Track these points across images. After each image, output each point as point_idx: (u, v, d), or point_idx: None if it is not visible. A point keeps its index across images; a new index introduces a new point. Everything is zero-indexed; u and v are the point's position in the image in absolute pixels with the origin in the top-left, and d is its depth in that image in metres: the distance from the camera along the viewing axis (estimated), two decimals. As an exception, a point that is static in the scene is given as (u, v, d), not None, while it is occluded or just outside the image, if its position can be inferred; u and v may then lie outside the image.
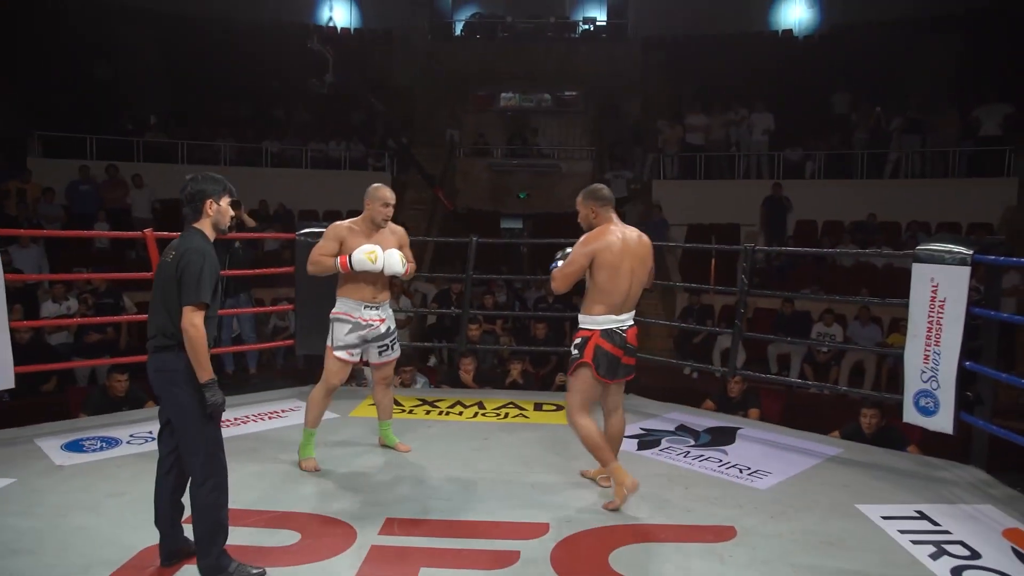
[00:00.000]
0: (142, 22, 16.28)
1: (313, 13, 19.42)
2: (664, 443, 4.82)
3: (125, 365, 5.83)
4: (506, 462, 4.37)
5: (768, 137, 13.98)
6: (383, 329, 4.28)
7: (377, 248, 4.11)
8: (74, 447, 4.50)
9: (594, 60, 17.93)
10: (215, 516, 2.88)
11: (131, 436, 4.73)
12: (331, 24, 19.24)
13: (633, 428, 5.09)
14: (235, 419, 5.05)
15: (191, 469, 2.92)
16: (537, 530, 3.42)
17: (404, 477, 4.09)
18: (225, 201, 3.03)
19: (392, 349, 4.37)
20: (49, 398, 7.19)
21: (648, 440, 4.88)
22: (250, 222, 6.56)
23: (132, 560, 3.06)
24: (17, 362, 4.62)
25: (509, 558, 3.15)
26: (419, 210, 14.77)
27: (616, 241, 3.72)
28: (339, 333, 4.19)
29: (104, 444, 4.57)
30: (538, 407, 5.60)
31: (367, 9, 19.63)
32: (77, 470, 4.15)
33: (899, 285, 5.15)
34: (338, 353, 4.18)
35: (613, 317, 3.74)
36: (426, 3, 19.03)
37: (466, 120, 17.43)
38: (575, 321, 3.90)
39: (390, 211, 4.24)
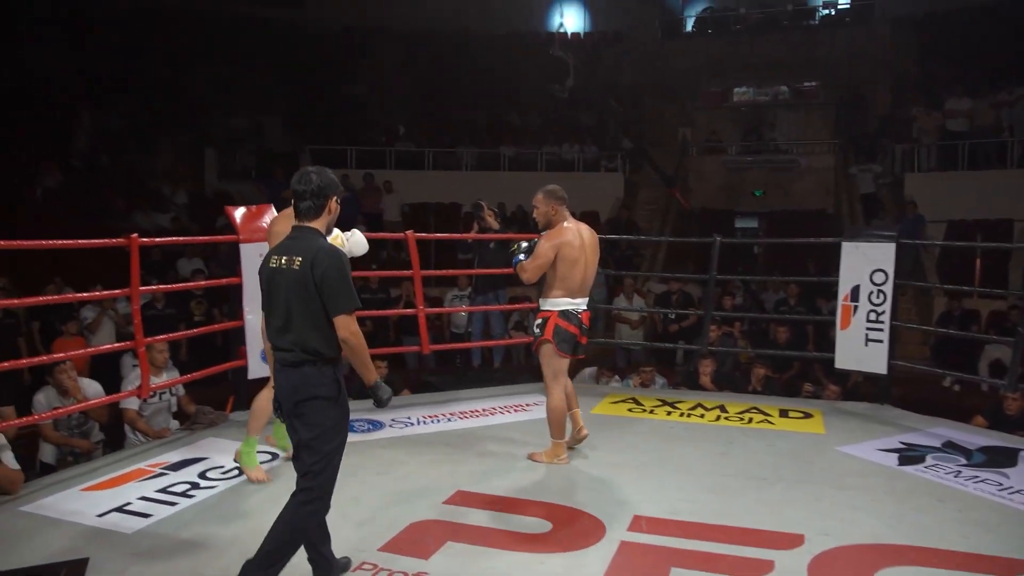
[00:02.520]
0: (389, 42, 17.73)
1: (544, 20, 19.99)
2: (930, 460, 4.42)
3: (384, 355, 6.42)
4: (753, 468, 4.23)
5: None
6: None
7: (338, 231, 3.57)
8: (346, 427, 4.99)
9: (836, 46, 16.74)
10: (299, 538, 2.74)
11: (392, 420, 5.17)
12: (562, 30, 19.68)
13: (892, 442, 4.75)
14: (483, 410, 5.35)
15: (305, 485, 2.72)
16: (792, 540, 3.28)
17: (649, 476, 4.10)
18: (336, 203, 2.81)
19: None
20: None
21: (911, 455, 4.49)
22: (494, 224, 6.89)
23: (403, 532, 3.34)
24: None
25: (762, 567, 3.05)
26: (652, 210, 14.72)
27: (575, 237, 4.22)
28: None
29: (371, 426, 5.04)
30: (783, 413, 5.36)
31: (596, 12, 19.83)
32: (350, 448, 4.52)
33: None
34: None
35: (569, 300, 4.22)
36: (656, 2, 18.86)
37: (697, 118, 17.04)
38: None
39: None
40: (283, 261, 2.70)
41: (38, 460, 4.89)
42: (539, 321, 4.26)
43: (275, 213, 5.33)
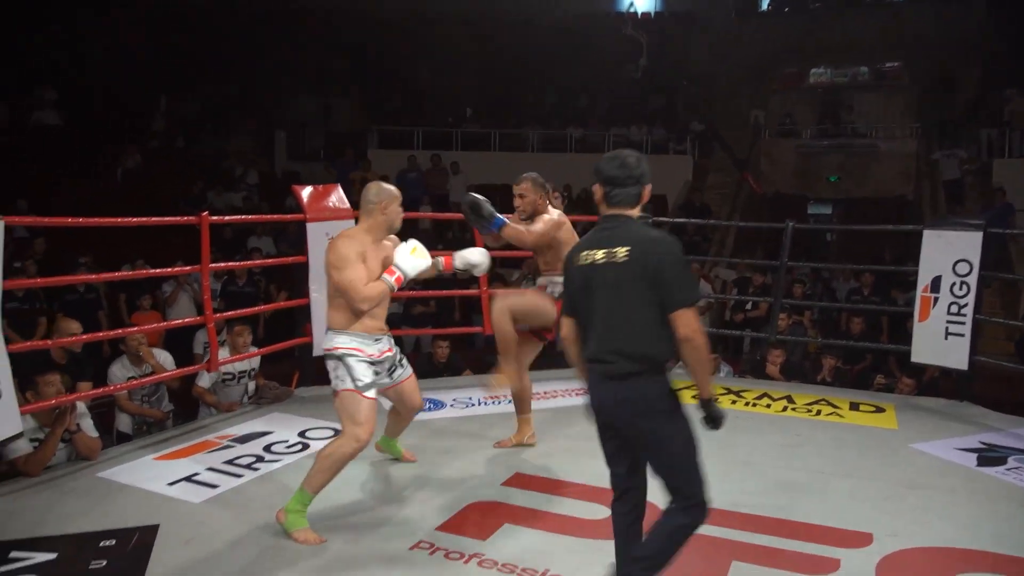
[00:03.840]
0: (457, 25, 17.75)
1: (614, 1, 19.67)
2: (1012, 462, 4.19)
3: (447, 335, 6.46)
4: (820, 462, 4.10)
5: None
6: (390, 357, 3.46)
7: (416, 243, 3.41)
8: (408, 406, 5.04)
9: (922, 25, 16.04)
10: (679, 544, 2.48)
11: (454, 400, 5.20)
12: (632, 10, 19.35)
13: (971, 441, 4.53)
14: (544, 392, 5.33)
15: (679, 505, 2.47)
16: (859, 539, 3.16)
17: (711, 466, 3.91)
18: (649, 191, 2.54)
19: (404, 365, 3.58)
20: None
21: (991, 456, 4.27)
22: (559, 206, 6.81)
23: (461, 512, 3.36)
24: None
25: (827, 565, 2.95)
26: (722, 194, 14.41)
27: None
28: (360, 370, 3.23)
29: (432, 405, 5.07)
30: (854, 407, 5.18)
31: (670, -8, 19.46)
32: (411, 427, 4.56)
33: None
34: (369, 394, 3.24)
35: None
36: (731, -20, 18.38)
37: (771, 100, 16.59)
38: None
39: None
40: (599, 255, 2.40)
41: (115, 429, 5.09)
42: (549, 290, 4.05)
43: (341, 193, 5.39)
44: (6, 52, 13.49)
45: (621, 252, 2.36)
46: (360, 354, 3.26)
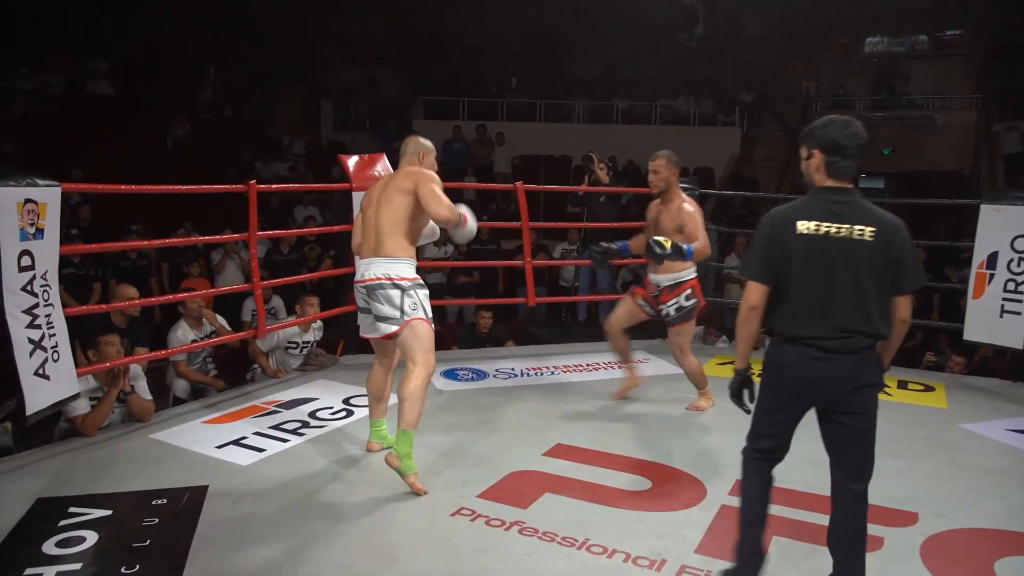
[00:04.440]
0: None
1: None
2: (1067, 442, 4.09)
3: (490, 305, 6.48)
4: (866, 440, 4.03)
5: None
6: None
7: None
8: (451, 375, 5.10)
9: (987, -10, 15.38)
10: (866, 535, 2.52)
11: (496, 371, 5.23)
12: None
13: (1021, 422, 4.41)
14: (587, 364, 5.34)
15: (864, 475, 2.48)
16: (904, 518, 3.12)
17: None
18: None
19: None
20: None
21: (1045, 437, 4.18)
22: (604, 177, 6.76)
23: (502, 481, 3.39)
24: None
25: (871, 543, 2.87)
26: (769, 167, 14.11)
27: None
28: (428, 302, 3.42)
29: (475, 375, 5.12)
30: (902, 385, 5.09)
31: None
32: (454, 396, 4.71)
33: None
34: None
35: None
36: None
37: (824, 71, 16.13)
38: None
39: None
40: (835, 229, 2.33)
41: (172, 394, 5.21)
42: (688, 291, 4.26)
43: (387, 162, 5.42)
44: (60, 24, 13.76)
45: (868, 231, 2.31)
46: (425, 287, 3.42)
